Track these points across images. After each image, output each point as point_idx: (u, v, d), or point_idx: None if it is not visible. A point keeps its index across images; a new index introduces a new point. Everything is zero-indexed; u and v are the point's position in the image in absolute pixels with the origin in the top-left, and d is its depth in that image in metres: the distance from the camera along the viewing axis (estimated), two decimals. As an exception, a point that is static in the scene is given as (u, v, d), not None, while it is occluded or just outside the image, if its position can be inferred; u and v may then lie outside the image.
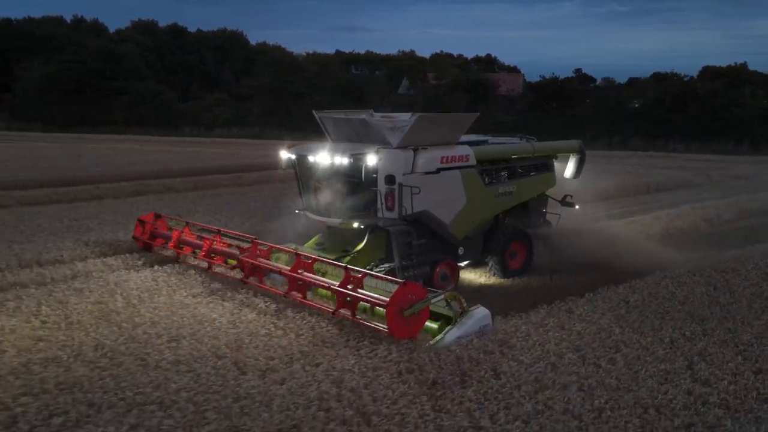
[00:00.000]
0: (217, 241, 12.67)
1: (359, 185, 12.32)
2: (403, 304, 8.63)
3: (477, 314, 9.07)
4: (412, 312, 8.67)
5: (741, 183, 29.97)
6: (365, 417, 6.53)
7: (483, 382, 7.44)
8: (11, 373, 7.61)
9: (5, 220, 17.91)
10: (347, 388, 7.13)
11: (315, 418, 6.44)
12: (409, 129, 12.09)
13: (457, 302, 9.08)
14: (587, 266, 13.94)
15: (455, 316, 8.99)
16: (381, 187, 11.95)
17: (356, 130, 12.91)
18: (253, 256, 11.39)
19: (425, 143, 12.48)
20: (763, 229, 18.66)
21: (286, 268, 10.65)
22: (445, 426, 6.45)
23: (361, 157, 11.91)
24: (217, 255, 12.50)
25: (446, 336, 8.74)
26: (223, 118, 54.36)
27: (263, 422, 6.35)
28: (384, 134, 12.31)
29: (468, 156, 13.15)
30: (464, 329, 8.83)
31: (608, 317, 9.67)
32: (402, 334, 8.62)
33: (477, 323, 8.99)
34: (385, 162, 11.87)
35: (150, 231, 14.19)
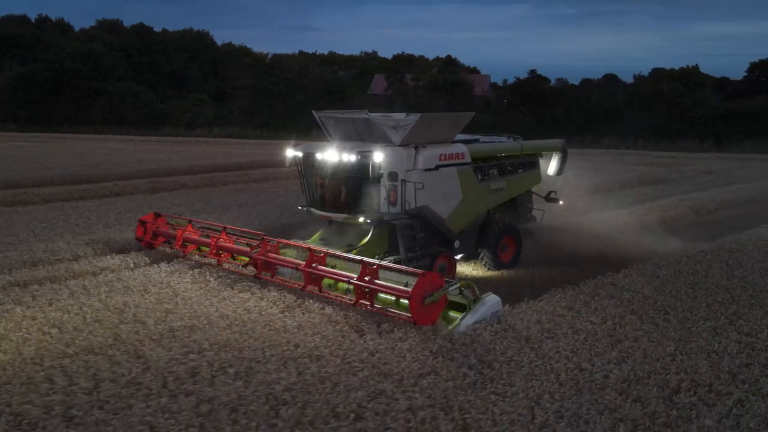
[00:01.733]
0: (224, 238, 12.90)
1: (365, 182, 12.72)
2: (424, 293, 9.12)
3: (489, 301, 9.65)
4: (432, 300, 9.17)
5: (712, 177, 32.15)
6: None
7: (568, 337, 8.88)
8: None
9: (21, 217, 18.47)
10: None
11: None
12: (412, 128, 12.66)
13: (470, 290, 9.67)
14: (601, 254, 15.03)
15: (469, 303, 9.56)
16: (385, 183, 12.52)
17: (358, 129, 13.35)
18: (264, 252, 11.66)
19: (425, 141, 13.13)
20: (745, 218, 20.53)
21: (301, 263, 10.98)
22: (558, 368, 7.84)
23: (368, 154, 12.35)
24: (226, 252, 12.80)
25: (462, 322, 9.30)
26: (204, 118, 54.87)
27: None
28: (386, 133, 12.83)
29: (464, 154, 13.84)
30: (478, 315, 9.40)
31: (648, 288, 11.22)
32: (424, 321, 9.15)
33: (489, 309, 9.57)
34: (389, 159, 12.41)
35: (152, 230, 14.30)
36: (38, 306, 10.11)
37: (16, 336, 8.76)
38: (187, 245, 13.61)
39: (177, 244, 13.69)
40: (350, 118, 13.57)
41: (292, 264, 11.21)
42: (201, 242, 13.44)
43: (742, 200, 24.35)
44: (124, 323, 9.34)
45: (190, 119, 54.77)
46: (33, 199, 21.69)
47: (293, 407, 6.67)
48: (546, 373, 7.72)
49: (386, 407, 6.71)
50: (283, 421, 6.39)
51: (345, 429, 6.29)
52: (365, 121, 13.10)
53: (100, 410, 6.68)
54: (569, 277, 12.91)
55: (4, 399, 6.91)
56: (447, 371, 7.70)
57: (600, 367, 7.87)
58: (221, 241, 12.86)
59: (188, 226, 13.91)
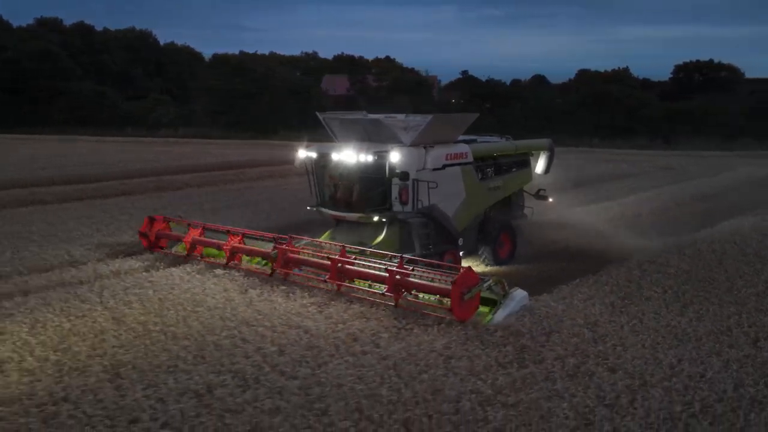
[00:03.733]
0: (238, 240, 12.71)
1: (380, 181, 12.96)
2: (463, 289, 9.44)
3: (518, 295, 10.06)
4: (471, 296, 9.49)
5: (672, 173, 34.78)
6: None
7: (652, 300, 10.53)
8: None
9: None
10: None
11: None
12: (423, 129, 13.00)
13: (500, 286, 10.06)
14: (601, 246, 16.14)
15: (499, 298, 9.93)
16: (396, 182, 12.79)
17: (366, 130, 13.53)
18: (287, 252, 11.67)
19: (432, 142, 13.45)
20: (720, 210, 22.57)
21: (328, 263, 10.98)
22: (656, 326, 9.45)
23: (384, 154, 12.61)
24: (246, 254, 12.73)
25: (495, 316, 9.67)
26: (169, 118, 54.84)
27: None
28: (396, 134, 13.07)
29: (467, 153, 14.27)
30: (510, 309, 9.80)
31: (685, 264, 12.93)
32: (463, 316, 9.43)
33: (519, 303, 9.98)
34: (404, 159, 12.66)
35: (156, 233, 14.03)
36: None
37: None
38: (196, 247, 13.29)
39: (187, 246, 13.36)
40: (358, 120, 13.91)
41: (323, 264, 11.17)
42: (217, 245, 12.99)
43: (716, 192, 26.89)
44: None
45: (155, 119, 54.64)
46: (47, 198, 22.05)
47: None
48: (648, 329, 9.34)
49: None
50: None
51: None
52: (375, 122, 13.44)
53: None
54: (573, 270, 13.67)
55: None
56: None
57: (686, 323, 9.54)
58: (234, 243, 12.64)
59: (196, 229, 13.53)
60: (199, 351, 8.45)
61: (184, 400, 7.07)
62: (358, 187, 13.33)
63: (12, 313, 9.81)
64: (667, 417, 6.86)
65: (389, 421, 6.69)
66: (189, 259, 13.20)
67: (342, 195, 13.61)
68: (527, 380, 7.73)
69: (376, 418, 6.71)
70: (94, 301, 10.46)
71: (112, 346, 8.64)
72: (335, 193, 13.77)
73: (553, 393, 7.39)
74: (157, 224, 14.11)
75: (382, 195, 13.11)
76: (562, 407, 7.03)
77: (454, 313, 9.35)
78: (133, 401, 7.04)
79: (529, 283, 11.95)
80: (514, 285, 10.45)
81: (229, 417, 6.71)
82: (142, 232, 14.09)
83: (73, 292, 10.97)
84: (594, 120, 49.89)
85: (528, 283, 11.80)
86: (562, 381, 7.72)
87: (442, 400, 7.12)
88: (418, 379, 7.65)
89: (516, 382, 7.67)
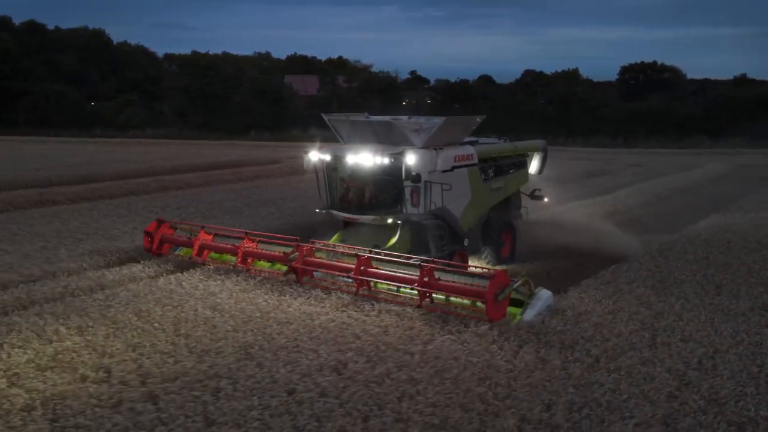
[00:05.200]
0: (249, 243, 12.52)
1: (394, 183, 13.06)
2: (497, 290, 9.54)
3: (543, 295, 10.18)
4: (503, 297, 9.64)
5: (643, 169, 36.57)
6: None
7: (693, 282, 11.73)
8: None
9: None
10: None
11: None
12: (435, 131, 13.10)
13: (526, 286, 10.17)
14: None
15: (525, 298, 10.08)
16: (409, 184, 12.85)
17: (377, 132, 13.50)
18: (303, 256, 11.59)
19: (441, 144, 13.56)
20: (702, 203, 24.13)
21: (352, 266, 10.91)
22: (701, 304, 10.63)
23: (399, 157, 12.67)
24: (262, 258, 12.48)
25: (524, 316, 9.84)
26: (137, 119, 54.38)
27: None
28: (408, 136, 13.11)
29: (473, 155, 14.40)
30: (537, 308, 9.96)
31: (681, 261, 13.85)
32: (496, 317, 9.50)
33: (545, 303, 10.10)
34: (418, 161, 12.71)
35: (160, 238, 13.61)
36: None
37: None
38: (203, 251, 13.08)
39: (194, 251, 13.05)
40: (370, 122, 13.88)
41: (345, 268, 11.14)
42: (229, 249, 12.88)
43: (690, 187, 28.72)
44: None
45: (123, 120, 54.09)
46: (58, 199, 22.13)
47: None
48: (696, 306, 10.53)
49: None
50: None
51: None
52: (386, 124, 13.42)
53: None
54: (581, 267, 14.23)
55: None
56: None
57: (727, 302, 10.80)
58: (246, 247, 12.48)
59: (202, 232, 13.29)
60: (310, 333, 9.21)
61: (325, 374, 7.85)
62: (371, 189, 13.47)
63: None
64: (749, 377, 7.97)
65: (494, 389, 7.63)
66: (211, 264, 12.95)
67: (354, 197, 13.69)
68: (616, 349, 8.75)
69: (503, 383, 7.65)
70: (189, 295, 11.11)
71: (226, 330, 9.32)
72: (347, 195, 13.81)
73: (644, 360, 8.43)
74: (164, 227, 13.71)
75: (396, 197, 13.24)
76: (658, 371, 8.08)
77: (489, 314, 9.42)
78: (281, 375, 7.78)
79: (542, 281, 11.91)
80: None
81: (375, 386, 7.52)
82: (147, 232, 13.66)
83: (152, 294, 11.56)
84: (560, 120, 51.79)
85: (541, 281, 11.69)
86: (646, 350, 8.77)
87: (552, 368, 8.12)
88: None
89: (608, 351, 8.69)
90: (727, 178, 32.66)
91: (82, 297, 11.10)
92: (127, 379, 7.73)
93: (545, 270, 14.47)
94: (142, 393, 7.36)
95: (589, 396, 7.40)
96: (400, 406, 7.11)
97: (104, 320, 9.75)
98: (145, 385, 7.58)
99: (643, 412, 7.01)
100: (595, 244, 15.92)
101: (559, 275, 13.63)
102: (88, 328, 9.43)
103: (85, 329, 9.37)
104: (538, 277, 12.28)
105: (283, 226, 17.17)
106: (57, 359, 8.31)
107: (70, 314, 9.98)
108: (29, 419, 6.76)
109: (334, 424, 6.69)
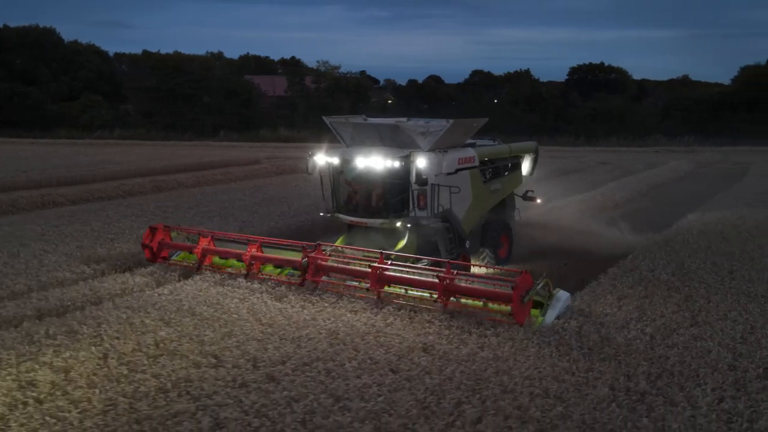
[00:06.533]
0: (256, 248, 12.22)
1: (401, 186, 13.08)
2: (522, 292, 9.63)
3: (562, 296, 10.25)
4: (529, 298, 9.74)
5: (612, 167, 38.07)
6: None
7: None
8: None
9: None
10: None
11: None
12: (442, 134, 13.11)
13: (547, 287, 10.24)
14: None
15: (545, 300, 10.13)
16: (416, 187, 12.85)
17: (382, 135, 13.44)
18: (316, 259, 11.47)
19: (446, 146, 13.59)
20: (681, 198, 25.63)
21: (367, 270, 10.86)
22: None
23: (410, 160, 12.70)
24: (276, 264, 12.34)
25: (546, 318, 9.89)
26: (102, 119, 53.69)
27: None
28: (415, 139, 13.10)
29: (474, 157, 14.46)
30: (558, 310, 10.02)
31: (689, 250, 15.01)
32: (522, 319, 9.59)
33: (563, 304, 10.17)
34: (428, 164, 12.77)
35: (158, 243, 13.21)
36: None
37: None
38: (206, 256, 12.78)
39: (198, 257, 12.74)
40: (374, 125, 13.75)
41: (362, 272, 11.08)
42: (237, 255, 12.49)
43: (665, 183, 30.33)
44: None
45: (88, 121, 53.33)
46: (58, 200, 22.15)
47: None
48: (725, 288, 11.64)
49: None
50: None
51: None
52: (393, 127, 13.35)
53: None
54: (587, 263, 14.89)
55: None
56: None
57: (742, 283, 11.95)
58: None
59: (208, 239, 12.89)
60: (385, 320, 9.94)
61: (419, 353, 8.59)
62: (378, 193, 13.46)
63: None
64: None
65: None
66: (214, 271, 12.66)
67: (361, 200, 13.67)
68: (666, 328, 9.72)
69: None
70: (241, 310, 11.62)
71: (304, 319, 9.96)
72: (353, 198, 13.78)
73: (695, 336, 9.41)
74: (160, 234, 13.29)
75: (403, 200, 13.21)
76: (711, 345, 9.06)
77: (516, 317, 9.53)
78: (380, 356, 8.49)
79: (561, 279, 12.13)
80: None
81: (468, 364, 8.30)
82: (145, 244, 13.23)
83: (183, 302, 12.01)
84: (527, 119, 53.44)
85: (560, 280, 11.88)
86: (692, 328, 9.76)
87: (617, 345, 9.03)
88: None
89: (659, 329, 9.65)
90: (694, 175, 34.55)
91: (148, 292, 11.56)
92: (238, 363, 8.31)
93: (552, 269, 14.55)
94: (260, 375, 7.96)
95: (661, 367, 8.33)
96: (501, 378, 7.91)
97: (184, 313, 10.26)
98: (258, 368, 8.17)
99: (713, 379, 7.96)
100: (599, 240, 16.81)
101: (570, 272, 14.21)
102: (171, 320, 9.92)
103: (170, 321, 9.87)
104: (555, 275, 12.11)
105: (291, 227, 17.97)
106: (161, 348, 8.82)
107: (148, 308, 10.45)
108: (170, 399, 7.29)
109: (452, 396, 7.43)
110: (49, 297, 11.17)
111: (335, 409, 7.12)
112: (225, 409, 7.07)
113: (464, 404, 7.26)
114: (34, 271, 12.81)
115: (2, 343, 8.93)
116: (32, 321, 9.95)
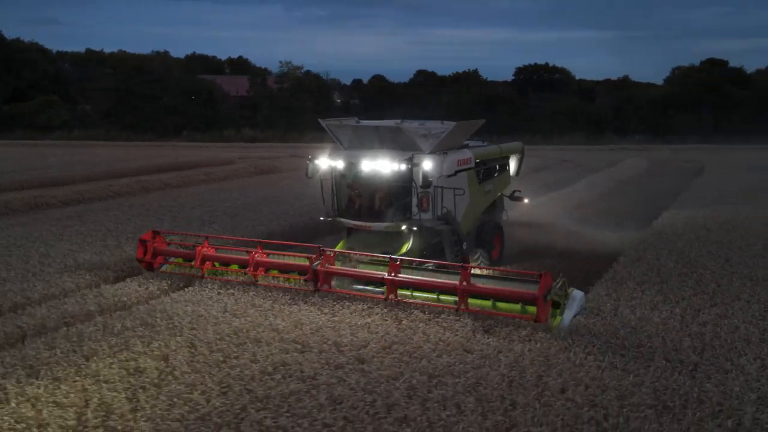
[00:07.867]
0: (259, 252, 12.11)
1: (405, 189, 13.02)
2: (545, 291, 9.64)
3: (577, 296, 10.31)
4: (550, 297, 9.78)
5: (572, 165, 39.57)
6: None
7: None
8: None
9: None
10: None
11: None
12: (444, 136, 13.09)
13: (563, 287, 10.19)
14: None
15: (561, 299, 10.12)
16: (421, 189, 12.81)
17: (382, 137, 13.33)
18: (325, 263, 11.41)
19: (446, 148, 13.54)
20: (653, 194, 26.97)
21: (383, 274, 10.96)
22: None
23: (416, 162, 12.66)
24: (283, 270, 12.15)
25: (564, 318, 9.97)
26: (60, 120, 52.63)
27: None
28: (416, 141, 13.01)
29: (471, 158, 14.46)
30: (574, 310, 10.09)
31: (691, 243, 16.15)
32: (544, 319, 9.67)
33: (579, 303, 10.22)
34: (433, 167, 12.82)
35: (152, 250, 12.90)
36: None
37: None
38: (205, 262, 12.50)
39: (196, 262, 12.47)
40: (374, 127, 13.63)
41: (378, 276, 11.13)
42: (241, 260, 12.41)
43: (629, 180, 31.96)
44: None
45: (45, 121, 52.21)
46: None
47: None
48: (743, 276, 12.79)
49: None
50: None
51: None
52: (394, 129, 13.23)
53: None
54: (581, 262, 15.61)
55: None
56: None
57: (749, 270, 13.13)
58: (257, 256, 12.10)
59: (205, 242, 12.70)
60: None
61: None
62: (382, 196, 13.39)
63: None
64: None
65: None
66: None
67: (363, 204, 13.62)
68: (693, 309, 10.77)
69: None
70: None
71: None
72: (355, 202, 13.72)
73: (720, 315, 10.47)
74: (156, 243, 12.97)
75: (407, 203, 13.16)
76: (736, 323, 10.11)
77: (540, 318, 9.62)
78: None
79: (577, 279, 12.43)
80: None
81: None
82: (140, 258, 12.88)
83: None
84: (486, 118, 54.62)
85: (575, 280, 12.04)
86: (715, 308, 10.84)
87: (654, 324, 10.01)
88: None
89: (687, 309, 10.69)
90: (652, 172, 36.22)
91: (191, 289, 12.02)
92: (323, 348, 8.91)
93: (550, 268, 14.70)
94: (350, 357, 8.59)
95: (705, 342, 9.32)
96: (567, 354, 8.75)
97: (244, 305, 10.81)
98: (343, 352, 8.79)
99: (751, 350, 8.98)
100: (591, 238, 17.60)
101: (573, 270, 14.31)
102: (237, 311, 10.45)
103: (236, 312, 10.40)
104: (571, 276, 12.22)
105: (299, 225, 18.37)
106: (241, 336, 9.32)
107: (206, 301, 10.96)
108: (278, 381, 7.85)
109: (532, 370, 8.23)
110: (103, 293, 11.55)
111: (432, 384, 7.81)
112: (334, 387, 7.68)
113: (545, 377, 8.07)
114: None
115: (87, 335, 9.30)
116: (104, 315, 10.37)
